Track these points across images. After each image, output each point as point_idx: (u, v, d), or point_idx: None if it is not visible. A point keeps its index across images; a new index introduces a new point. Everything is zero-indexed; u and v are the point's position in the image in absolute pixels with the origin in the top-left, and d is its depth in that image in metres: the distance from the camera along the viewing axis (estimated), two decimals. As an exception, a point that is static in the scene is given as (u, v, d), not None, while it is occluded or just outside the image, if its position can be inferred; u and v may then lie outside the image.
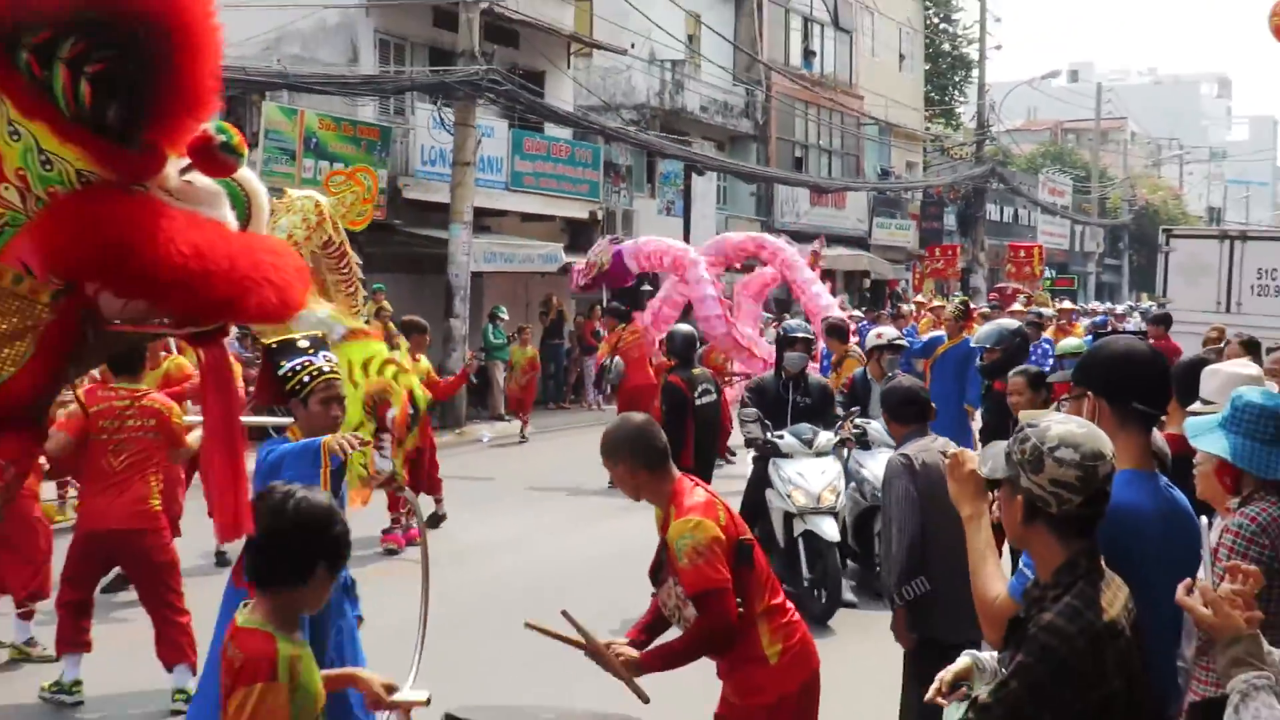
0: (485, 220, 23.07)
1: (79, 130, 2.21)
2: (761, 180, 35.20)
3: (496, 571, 10.75)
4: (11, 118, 2.23)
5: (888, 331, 12.36)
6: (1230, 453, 4.19)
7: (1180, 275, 21.50)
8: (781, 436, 9.57)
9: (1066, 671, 3.05)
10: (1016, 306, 22.84)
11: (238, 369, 8.60)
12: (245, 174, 2.68)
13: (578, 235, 27.12)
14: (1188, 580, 3.03)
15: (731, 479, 12.31)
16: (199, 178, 2.51)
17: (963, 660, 3.73)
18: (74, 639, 7.51)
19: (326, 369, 5.44)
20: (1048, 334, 17.65)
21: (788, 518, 9.26)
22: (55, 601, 7.71)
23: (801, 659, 4.57)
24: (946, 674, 3.70)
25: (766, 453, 9.59)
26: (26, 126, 2.23)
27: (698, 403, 10.83)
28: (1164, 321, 16.68)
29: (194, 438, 7.28)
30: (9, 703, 7.63)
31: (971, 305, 22.28)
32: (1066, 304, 28.43)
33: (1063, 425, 3.24)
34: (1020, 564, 3.52)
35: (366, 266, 20.81)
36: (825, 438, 9.57)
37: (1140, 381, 3.82)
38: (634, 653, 4.53)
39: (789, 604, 4.71)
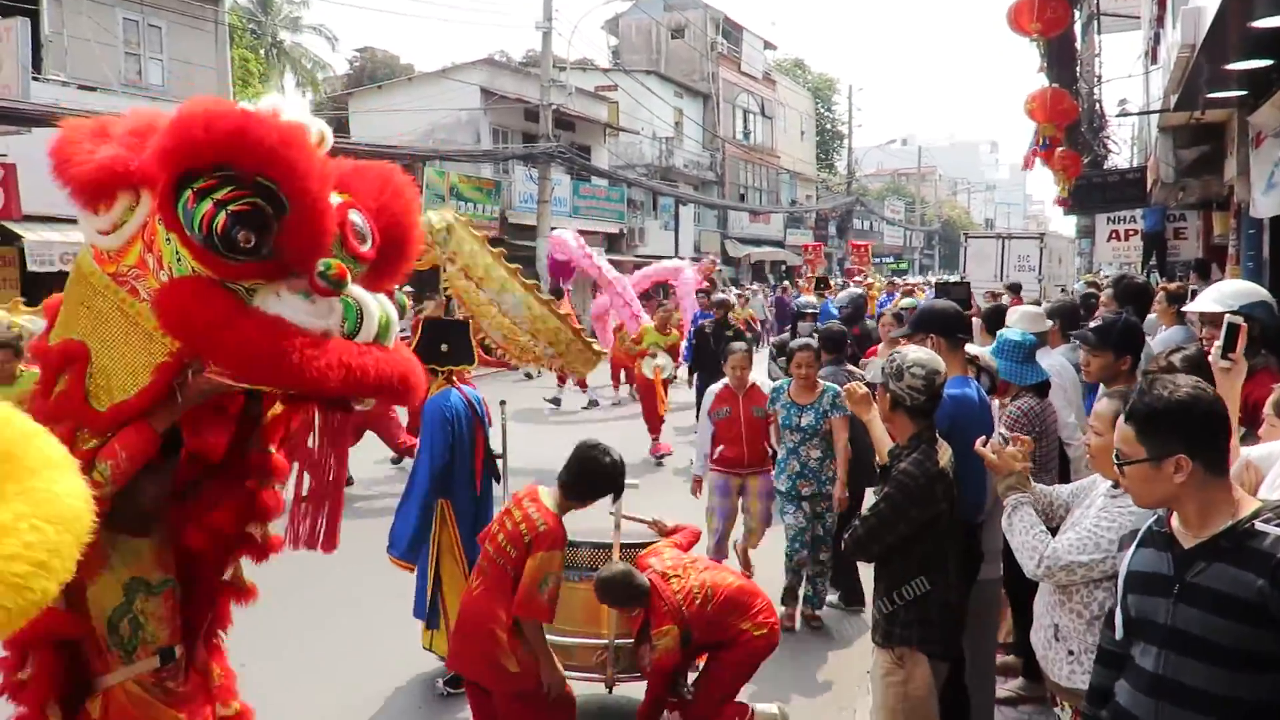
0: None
1: (194, 244, 2.02)
2: (720, 208, 34.67)
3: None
4: (166, 230, 2.09)
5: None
6: (999, 370, 4.22)
7: (973, 260, 21.73)
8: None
9: (914, 495, 3.05)
10: (856, 279, 22.10)
11: None
12: (357, 292, 2.18)
13: (613, 242, 26.95)
14: (982, 437, 3.04)
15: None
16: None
17: None
18: None
19: None
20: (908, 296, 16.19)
21: None
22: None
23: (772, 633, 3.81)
24: None
25: None
26: (171, 235, 2.08)
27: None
28: (1017, 290, 15.35)
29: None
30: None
31: (834, 281, 21.73)
32: (900, 279, 28.24)
33: (916, 353, 3.21)
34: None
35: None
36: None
37: (957, 323, 3.84)
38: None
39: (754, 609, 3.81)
